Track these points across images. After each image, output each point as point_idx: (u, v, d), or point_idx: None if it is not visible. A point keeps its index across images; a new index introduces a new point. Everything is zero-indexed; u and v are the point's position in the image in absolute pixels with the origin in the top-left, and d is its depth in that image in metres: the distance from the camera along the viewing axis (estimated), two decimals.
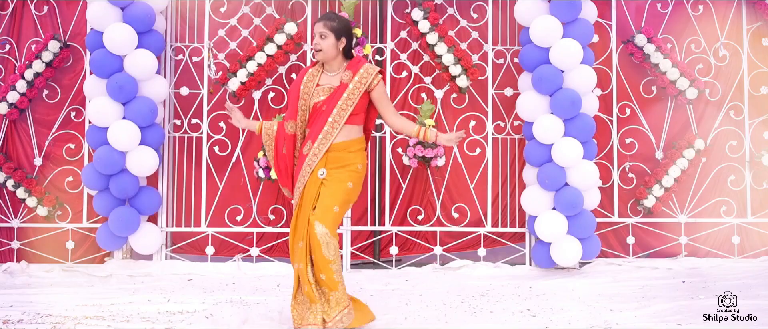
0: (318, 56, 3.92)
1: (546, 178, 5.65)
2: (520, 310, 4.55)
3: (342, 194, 3.87)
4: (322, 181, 3.88)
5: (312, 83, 3.96)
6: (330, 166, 3.89)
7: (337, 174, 3.88)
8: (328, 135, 3.87)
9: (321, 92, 3.92)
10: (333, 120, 3.86)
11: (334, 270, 3.81)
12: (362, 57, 4.04)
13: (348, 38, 3.95)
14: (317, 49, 3.89)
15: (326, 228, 3.78)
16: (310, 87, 3.96)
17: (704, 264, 6.05)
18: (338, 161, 3.90)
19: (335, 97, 3.89)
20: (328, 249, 3.78)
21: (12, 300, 4.85)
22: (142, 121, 5.74)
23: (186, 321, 4.29)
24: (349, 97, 3.88)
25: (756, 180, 6.32)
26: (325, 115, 3.88)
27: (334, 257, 3.80)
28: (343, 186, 3.88)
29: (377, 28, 6.36)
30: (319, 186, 3.88)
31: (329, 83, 3.93)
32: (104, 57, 5.69)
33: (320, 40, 3.88)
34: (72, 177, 6.22)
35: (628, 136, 6.29)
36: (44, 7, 6.30)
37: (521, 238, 6.27)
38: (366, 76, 3.90)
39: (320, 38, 3.88)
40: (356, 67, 3.93)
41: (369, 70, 3.92)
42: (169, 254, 6.17)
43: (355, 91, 3.89)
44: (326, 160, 3.89)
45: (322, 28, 3.88)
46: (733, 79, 6.40)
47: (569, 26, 5.68)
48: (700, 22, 6.38)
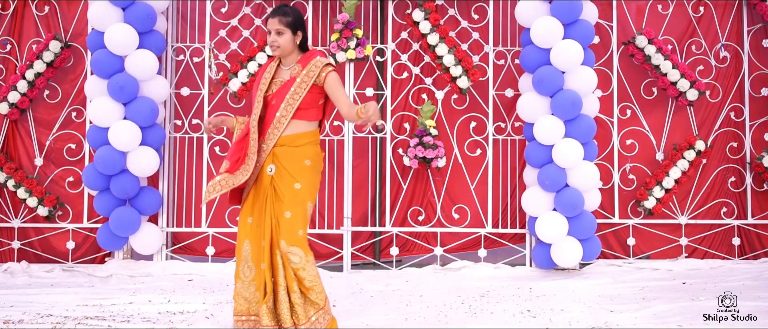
0: (276, 53, 3.83)
1: (546, 179, 5.65)
2: (521, 311, 4.55)
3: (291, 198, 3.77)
4: (272, 180, 3.80)
5: (269, 75, 3.88)
6: (278, 163, 3.80)
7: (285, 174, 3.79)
8: (276, 129, 3.79)
9: (274, 86, 3.86)
10: (280, 114, 3.78)
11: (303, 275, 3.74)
12: (318, 50, 3.95)
13: (303, 31, 3.86)
14: (275, 46, 3.79)
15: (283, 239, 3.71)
16: (266, 78, 3.88)
17: (704, 265, 6.05)
18: (286, 157, 3.80)
19: (284, 91, 3.80)
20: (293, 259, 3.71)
21: (12, 300, 4.85)
22: (143, 121, 5.74)
23: (186, 321, 4.30)
24: (295, 91, 3.77)
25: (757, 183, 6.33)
26: (274, 110, 3.81)
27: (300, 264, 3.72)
28: (290, 190, 3.78)
29: (378, 28, 6.36)
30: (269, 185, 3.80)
31: (282, 77, 3.86)
32: (105, 57, 5.69)
33: (277, 37, 3.78)
34: (73, 178, 6.22)
35: (629, 137, 6.30)
36: (45, 8, 6.31)
37: (522, 239, 6.27)
38: (314, 70, 3.77)
39: (277, 35, 3.78)
40: (306, 61, 3.82)
41: (317, 63, 3.79)
42: (169, 254, 6.18)
43: (302, 84, 3.77)
44: (274, 155, 3.81)
45: (277, 24, 3.77)
46: (733, 81, 6.40)
47: (570, 27, 5.68)
48: (700, 24, 6.38)
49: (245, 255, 3.81)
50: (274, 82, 3.87)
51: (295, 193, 3.78)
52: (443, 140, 6.17)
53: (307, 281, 3.74)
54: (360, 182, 6.32)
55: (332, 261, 6.20)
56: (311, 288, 3.75)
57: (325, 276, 5.81)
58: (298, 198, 3.78)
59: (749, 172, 6.34)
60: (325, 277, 5.73)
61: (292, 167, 3.80)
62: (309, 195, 3.84)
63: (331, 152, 6.29)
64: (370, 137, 6.30)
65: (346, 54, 6.03)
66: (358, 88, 6.22)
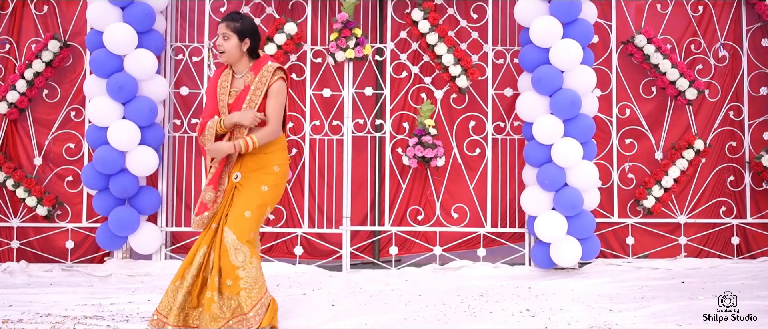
0: (221, 58, 3.84)
1: (545, 179, 5.65)
2: (520, 310, 4.55)
3: (256, 198, 3.81)
4: (236, 186, 3.85)
5: (226, 84, 3.90)
6: (245, 170, 3.85)
7: (252, 177, 3.85)
8: (238, 137, 3.82)
9: (231, 96, 3.88)
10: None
11: (241, 275, 3.73)
12: (268, 56, 3.98)
13: (252, 38, 3.87)
14: (220, 50, 3.82)
15: (234, 234, 3.73)
16: (225, 88, 3.89)
17: (703, 264, 6.05)
18: (254, 164, 3.86)
19: (240, 100, 3.83)
20: (237, 256, 3.74)
21: (12, 299, 4.85)
22: (142, 120, 5.74)
23: None
24: (251, 99, 3.81)
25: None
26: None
27: (242, 263, 3.74)
28: (256, 190, 3.82)
29: (377, 28, 6.36)
30: (233, 190, 3.85)
31: (237, 86, 3.89)
32: (104, 56, 5.68)
33: (223, 42, 3.81)
34: (72, 177, 6.22)
35: (628, 136, 6.30)
36: (44, 7, 6.30)
37: (521, 238, 6.27)
38: (266, 76, 3.83)
39: (223, 40, 3.81)
40: (258, 68, 3.86)
41: (268, 69, 3.84)
42: (168, 254, 6.18)
43: (256, 91, 3.82)
44: (241, 163, 3.86)
45: (224, 29, 3.80)
46: (732, 80, 6.40)
47: (569, 27, 5.68)
48: (699, 23, 6.38)
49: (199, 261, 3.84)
50: (231, 92, 3.89)
51: (259, 194, 3.82)
52: (442, 139, 6.18)
53: (243, 281, 3.73)
54: (359, 181, 6.32)
55: (331, 261, 6.20)
56: (244, 290, 3.74)
57: (324, 275, 5.82)
58: (261, 199, 3.82)
59: (748, 171, 6.35)
60: (324, 276, 5.76)
61: (259, 174, 3.86)
62: (272, 199, 3.89)
63: (330, 151, 6.29)
64: (369, 136, 6.30)
65: (345, 53, 6.03)
66: (357, 87, 6.22)
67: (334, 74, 6.25)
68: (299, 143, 6.26)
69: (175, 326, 3.78)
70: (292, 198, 6.26)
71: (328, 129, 6.22)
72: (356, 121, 6.22)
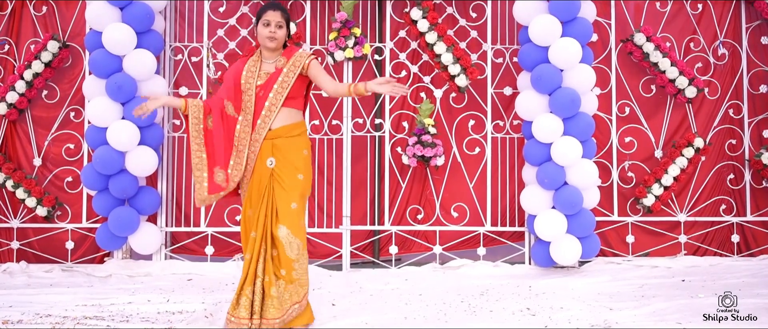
0: (271, 44, 3.96)
1: (545, 177, 5.65)
2: (520, 309, 4.55)
3: (297, 187, 3.94)
4: (273, 172, 3.93)
5: (254, 69, 4.01)
6: (278, 154, 3.94)
7: (287, 164, 3.93)
8: (267, 118, 3.93)
9: (260, 79, 3.99)
10: (270, 103, 3.92)
11: (296, 268, 3.91)
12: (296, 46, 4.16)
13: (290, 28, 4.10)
14: (274, 37, 3.95)
15: (288, 228, 3.86)
16: (252, 72, 4.00)
17: (703, 262, 6.05)
18: (285, 148, 3.95)
19: (271, 81, 3.95)
20: (291, 249, 3.87)
21: (12, 300, 4.85)
22: (142, 121, 5.73)
23: (185, 321, 4.30)
24: (283, 80, 3.95)
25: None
26: (262, 100, 3.94)
27: (297, 256, 3.89)
28: (295, 179, 3.94)
29: (376, 27, 6.36)
30: (270, 177, 3.93)
31: (267, 70, 4.01)
32: (103, 57, 5.68)
33: (277, 30, 3.96)
34: (71, 178, 6.22)
35: (628, 134, 6.30)
36: (43, 8, 6.30)
37: (521, 237, 6.27)
38: (299, 59, 3.99)
39: (277, 28, 3.96)
40: (290, 53, 4.03)
41: (302, 54, 4.03)
42: (168, 254, 6.17)
43: (289, 73, 3.96)
44: (272, 147, 3.94)
45: (279, 17, 3.96)
46: (732, 78, 6.40)
47: (568, 25, 5.68)
48: (699, 21, 6.38)
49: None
50: (260, 75, 4.00)
51: (298, 184, 3.94)
52: (442, 138, 6.17)
53: (296, 273, 3.90)
54: (359, 181, 6.32)
55: (331, 260, 6.20)
56: (297, 281, 3.92)
57: (324, 275, 5.82)
58: (301, 187, 3.95)
59: (748, 169, 6.35)
60: (324, 276, 5.75)
61: (293, 157, 3.96)
62: (308, 188, 4.03)
63: (329, 151, 6.29)
64: (369, 136, 6.30)
65: (344, 53, 6.02)
66: None
67: (334, 73, 6.24)
68: None
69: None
70: None
71: (327, 128, 6.21)
72: (356, 120, 6.22)
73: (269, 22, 3.94)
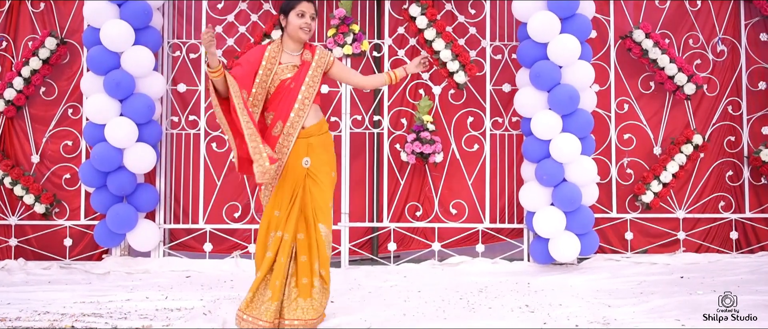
0: (306, 36, 3.90)
1: (544, 174, 5.65)
2: (519, 306, 4.54)
3: (331, 188, 3.98)
4: (308, 173, 3.89)
5: (275, 60, 3.91)
6: (312, 154, 3.90)
7: (322, 163, 3.91)
8: (300, 113, 3.86)
9: (286, 70, 3.90)
10: (302, 97, 3.86)
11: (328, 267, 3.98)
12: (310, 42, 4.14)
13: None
14: (308, 29, 3.89)
15: (327, 227, 3.91)
16: (273, 63, 3.90)
17: (702, 259, 6.05)
18: (319, 146, 3.93)
19: (302, 74, 3.90)
20: (328, 248, 3.93)
21: (10, 297, 4.84)
22: (140, 117, 5.72)
23: (184, 317, 4.29)
24: (313, 75, 3.92)
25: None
26: (293, 93, 3.86)
27: (330, 254, 3.96)
28: (329, 178, 3.96)
29: (375, 24, 6.35)
30: (305, 177, 3.88)
31: (291, 62, 3.93)
32: (101, 54, 5.67)
33: (312, 22, 3.91)
34: (69, 175, 6.21)
35: (626, 131, 6.29)
36: (41, 4, 6.29)
37: (519, 234, 6.27)
38: (325, 56, 3.99)
39: (312, 20, 3.91)
40: (313, 48, 4.00)
41: (326, 52, 4.03)
42: (166, 251, 6.17)
43: (317, 69, 3.94)
44: (307, 146, 3.89)
45: (313, 9, 3.91)
46: (731, 75, 6.40)
47: (567, 22, 5.67)
48: (698, 18, 6.38)
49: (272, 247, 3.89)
50: (283, 66, 3.91)
51: (332, 182, 3.99)
52: (440, 135, 6.17)
53: (325, 272, 3.95)
54: (357, 178, 6.32)
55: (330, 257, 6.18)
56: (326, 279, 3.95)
57: None
58: (332, 186, 3.99)
59: (747, 166, 6.34)
60: None
61: (326, 156, 3.96)
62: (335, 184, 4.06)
63: None
64: (367, 133, 6.29)
65: (342, 49, 6.01)
66: None
67: None
68: None
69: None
70: None
71: None
72: (354, 117, 6.21)
73: (304, 13, 3.87)
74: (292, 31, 3.89)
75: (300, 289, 3.87)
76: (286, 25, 3.91)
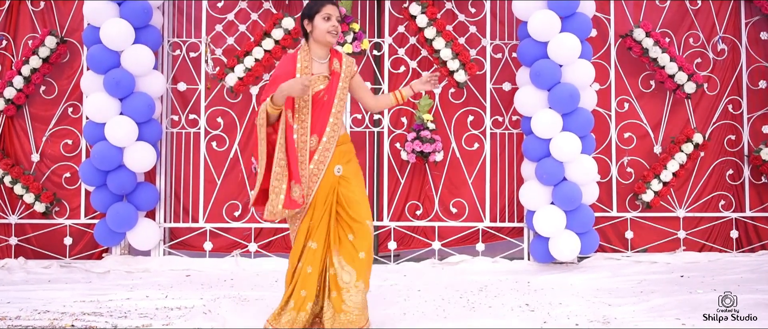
0: (334, 40, 3.69)
1: (544, 173, 5.64)
2: (519, 305, 4.54)
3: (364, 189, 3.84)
4: (340, 180, 3.72)
5: (308, 70, 3.69)
6: (342, 160, 3.75)
7: (351, 169, 3.77)
8: (335, 127, 3.68)
9: (318, 81, 3.69)
10: (336, 110, 3.70)
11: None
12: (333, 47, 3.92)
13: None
14: (336, 32, 3.68)
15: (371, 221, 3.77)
16: (306, 74, 3.67)
17: (703, 258, 6.05)
18: (349, 152, 3.80)
19: (333, 86, 3.71)
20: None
21: (10, 296, 4.84)
22: (140, 116, 5.72)
23: (184, 316, 4.29)
24: (343, 86, 3.75)
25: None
26: (327, 106, 3.68)
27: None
28: (361, 181, 3.83)
29: (375, 23, 6.34)
30: (337, 184, 3.71)
31: (321, 71, 3.72)
32: (101, 52, 5.67)
33: (339, 25, 3.70)
34: (70, 173, 6.21)
35: (627, 130, 6.29)
36: (41, 3, 6.28)
37: (520, 233, 6.27)
38: (350, 65, 3.82)
39: (338, 22, 3.70)
40: (339, 56, 3.79)
41: (351, 59, 3.85)
42: (167, 250, 6.17)
43: (346, 78, 3.77)
44: (339, 154, 3.74)
45: (338, 12, 3.70)
46: (731, 73, 6.40)
47: (567, 20, 5.67)
48: (698, 16, 6.37)
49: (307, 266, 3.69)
50: (315, 77, 3.69)
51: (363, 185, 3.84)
52: (441, 134, 6.17)
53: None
54: None
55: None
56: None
57: None
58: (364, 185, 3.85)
59: (747, 165, 6.34)
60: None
61: (354, 163, 3.82)
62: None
63: None
64: (368, 132, 6.29)
65: (343, 48, 6.01)
66: None
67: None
68: None
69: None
70: None
71: None
72: (354, 116, 6.21)
73: (330, 16, 3.65)
74: (319, 36, 3.67)
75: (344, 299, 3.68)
76: (311, 30, 3.69)
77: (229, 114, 6.21)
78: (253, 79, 6.08)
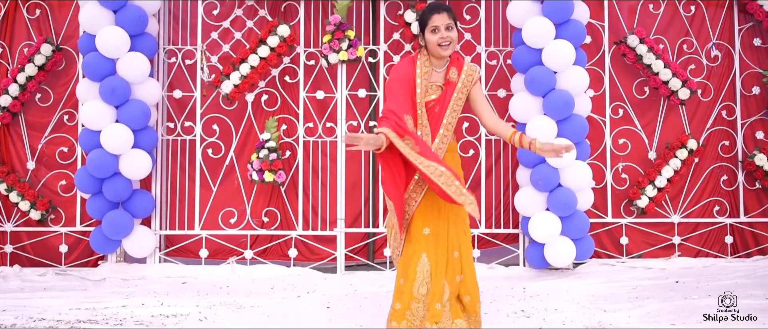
0: (445, 52, 3.46)
1: (539, 179, 5.66)
2: (514, 311, 4.55)
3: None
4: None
5: (428, 77, 3.51)
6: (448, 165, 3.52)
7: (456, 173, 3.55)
8: (445, 138, 3.53)
9: (431, 90, 3.51)
10: (447, 122, 3.52)
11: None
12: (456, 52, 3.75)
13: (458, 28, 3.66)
14: (446, 43, 3.44)
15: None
16: (426, 80, 3.50)
17: (697, 264, 6.07)
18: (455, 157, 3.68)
19: (446, 97, 3.51)
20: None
21: (5, 304, 4.83)
22: (135, 124, 5.72)
23: (180, 324, 4.29)
24: (458, 97, 3.52)
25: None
26: (438, 118, 3.51)
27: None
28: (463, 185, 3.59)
29: (370, 30, 6.36)
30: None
31: (437, 80, 3.53)
32: (97, 60, 5.67)
33: (449, 33, 3.45)
34: (65, 181, 6.20)
35: (621, 136, 6.31)
36: (36, 11, 6.29)
37: (515, 239, 6.28)
38: (471, 75, 3.55)
39: (448, 31, 3.45)
40: (459, 64, 3.55)
41: (473, 68, 3.58)
42: (162, 257, 6.16)
43: (463, 89, 3.53)
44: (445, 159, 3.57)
45: (448, 19, 3.45)
46: (725, 80, 6.42)
47: (562, 27, 5.69)
48: (692, 23, 6.40)
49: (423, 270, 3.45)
50: (430, 85, 3.52)
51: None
52: None
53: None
54: (353, 183, 6.32)
55: (326, 263, 6.19)
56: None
57: (319, 277, 5.82)
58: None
59: (741, 171, 6.36)
60: (318, 279, 5.75)
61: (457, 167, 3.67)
62: None
63: (323, 153, 6.29)
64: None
65: (338, 55, 6.02)
66: (350, 89, 6.21)
67: (328, 76, 6.24)
68: (293, 145, 6.26)
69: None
70: (286, 200, 6.25)
71: (321, 131, 6.21)
72: (350, 122, 6.22)
73: (438, 28, 3.43)
74: (432, 49, 3.49)
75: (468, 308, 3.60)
76: (425, 43, 3.52)
77: (225, 121, 6.21)
78: (249, 86, 6.08)
